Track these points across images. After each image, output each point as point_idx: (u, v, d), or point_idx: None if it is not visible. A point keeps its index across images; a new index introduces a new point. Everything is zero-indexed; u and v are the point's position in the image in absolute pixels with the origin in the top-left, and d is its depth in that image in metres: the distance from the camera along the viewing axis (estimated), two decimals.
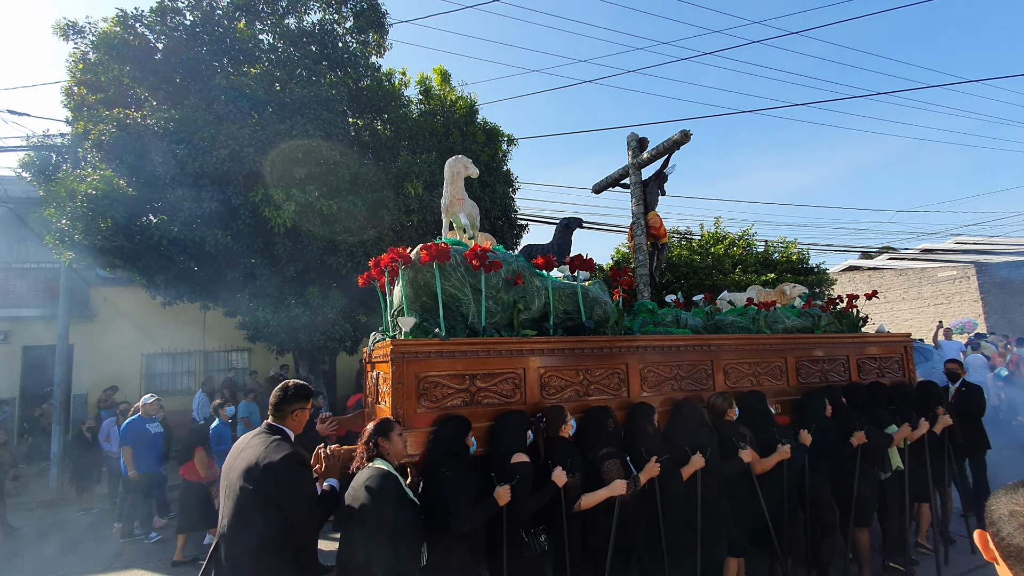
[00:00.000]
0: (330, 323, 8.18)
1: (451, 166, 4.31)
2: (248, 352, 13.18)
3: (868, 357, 5.19)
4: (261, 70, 8.44)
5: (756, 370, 4.49)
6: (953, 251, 22.29)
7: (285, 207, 7.48)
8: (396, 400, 3.12)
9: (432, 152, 9.12)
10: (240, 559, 2.36)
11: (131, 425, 6.45)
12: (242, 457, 2.49)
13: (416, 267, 3.50)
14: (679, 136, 5.67)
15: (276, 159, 7.74)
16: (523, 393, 3.48)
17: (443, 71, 10.28)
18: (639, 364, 3.91)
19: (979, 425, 5.54)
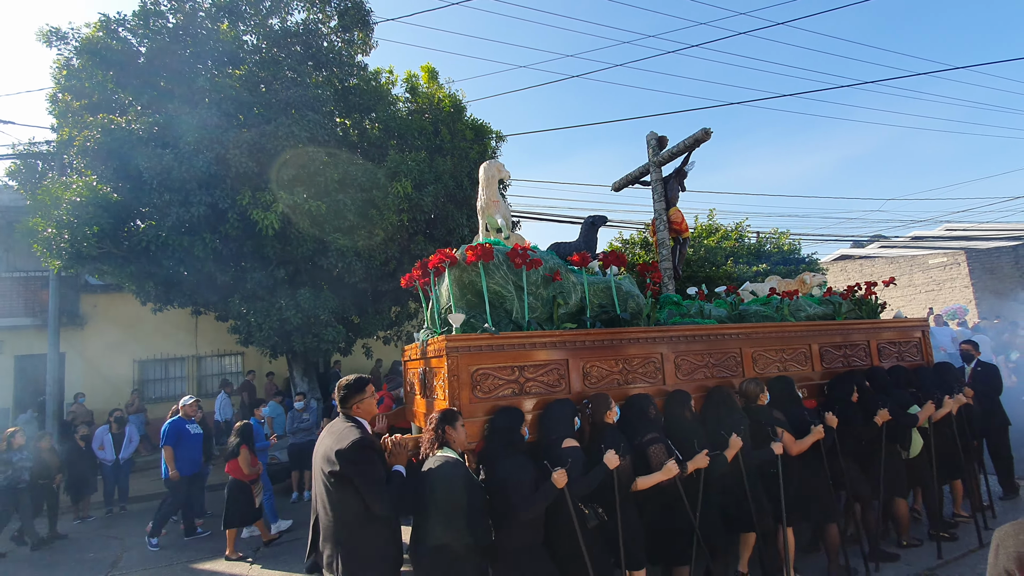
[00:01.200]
0: (322, 325, 8.16)
1: (486, 170, 4.49)
2: (241, 356, 13.14)
3: (887, 342, 5.38)
4: (245, 71, 8.39)
5: (782, 356, 4.68)
6: (943, 238, 22.44)
7: (273, 209, 7.45)
8: (452, 391, 3.31)
9: (421, 151, 9.09)
10: (332, 532, 2.69)
11: (172, 426, 6.46)
12: (323, 444, 2.84)
13: (462, 267, 3.71)
14: (700, 134, 5.77)
15: (263, 161, 7.70)
16: (567, 383, 3.67)
17: (431, 69, 10.24)
18: (672, 353, 4.10)
19: (997, 403, 5.70)
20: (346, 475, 2.65)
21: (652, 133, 6.39)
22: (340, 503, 2.70)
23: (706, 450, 3.44)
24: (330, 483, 2.72)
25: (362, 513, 2.68)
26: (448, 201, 9.19)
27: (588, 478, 3.06)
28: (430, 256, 3.84)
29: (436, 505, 2.70)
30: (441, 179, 8.83)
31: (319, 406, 9.77)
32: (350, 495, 2.68)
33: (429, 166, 8.85)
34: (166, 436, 6.41)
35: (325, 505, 2.75)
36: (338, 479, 2.68)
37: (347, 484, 2.67)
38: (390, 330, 10.94)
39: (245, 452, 5.83)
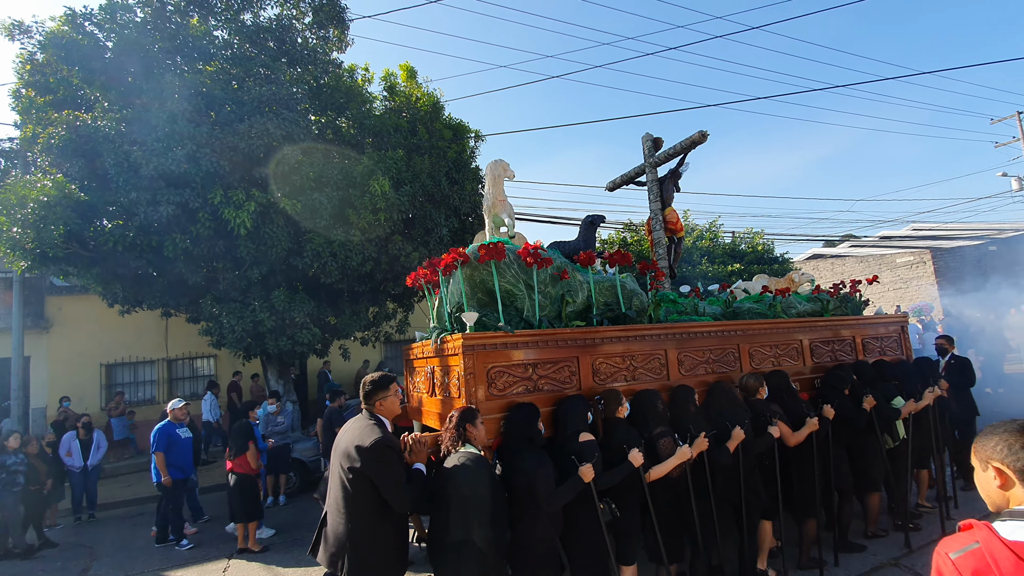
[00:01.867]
0: (298, 327, 8.03)
1: (492, 169, 4.55)
2: (214, 358, 12.87)
3: (871, 337, 5.64)
4: (217, 68, 8.22)
5: (776, 352, 4.88)
6: (910, 237, 23.11)
7: (246, 208, 7.31)
8: (469, 389, 3.34)
9: (398, 149, 9.02)
10: (343, 532, 2.72)
11: (162, 431, 6.35)
12: (343, 440, 2.87)
13: (473, 265, 3.76)
14: (697, 136, 5.88)
15: (235, 159, 7.56)
16: (578, 379, 3.74)
17: (409, 67, 10.18)
18: (676, 350, 4.22)
19: (969, 395, 6.04)
20: (366, 473, 2.69)
21: (647, 135, 6.45)
22: (356, 499, 2.73)
23: (704, 432, 3.56)
24: (348, 479, 2.74)
25: (376, 511, 2.73)
26: (426, 200, 9.14)
27: (613, 473, 3.16)
28: (442, 255, 3.90)
29: (461, 501, 2.74)
30: (419, 178, 8.77)
31: (295, 409, 9.63)
32: (367, 492, 2.72)
33: (407, 165, 8.78)
34: (157, 441, 6.30)
35: (339, 501, 2.78)
36: (357, 476, 2.71)
37: (365, 481, 2.71)
38: (368, 331, 10.82)
39: (253, 447, 5.98)
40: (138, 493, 8.73)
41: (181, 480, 6.42)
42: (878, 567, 4.29)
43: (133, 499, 8.53)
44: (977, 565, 1.30)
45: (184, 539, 6.40)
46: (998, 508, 1.45)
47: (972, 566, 1.31)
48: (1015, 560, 1.25)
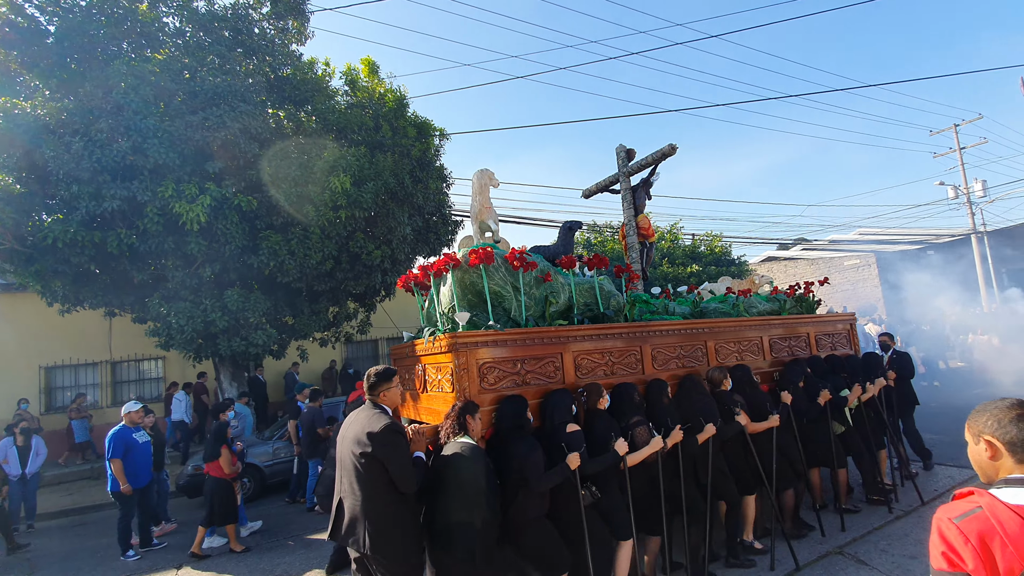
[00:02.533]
0: (252, 327, 7.76)
1: (479, 178, 4.81)
2: (162, 360, 12.30)
3: (823, 333, 6.16)
4: (167, 56, 7.86)
5: (739, 348, 5.29)
6: (857, 242, 24.21)
7: (199, 202, 7.01)
8: (461, 384, 3.58)
9: (361, 146, 8.83)
10: (360, 510, 2.91)
11: (118, 437, 5.95)
12: (351, 429, 3.06)
13: (464, 269, 4.01)
14: (667, 148, 6.23)
15: (187, 152, 7.24)
16: (562, 374, 4.03)
17: (371, 62, 9.97)
18: (650, 346, 4.56)
19: (909, 385, 6.63)
20: (377, 456, 2.88)
21: (621, 146, 6.84)
22: (369, 482, 2.91)
23: (679, 425, 3.91)
24: (360, 464, 2.93)
25: (388, 492, 2.92)
26: (389, 199, 8.97)
27: (598, 461, 3.44)
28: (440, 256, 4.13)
29: (460, 485, 2.97)
30: (381, 176, 8.60)
31: (250, 411, 9.31)
32: (378, 475, 2.90)
33: (369, 162, 8.60)
34: (113, 448, 5.92)
35: (353, 485, 2.96)
36: (369, 460, 2.89)
37: (377, 464, 2.89)
38: (327, 331, 10.56)
39: (226, 452, 5.80)
40: (79, 502, 8.27)
41: (138, 489, 6.09)
42: (824, 555, 4.47)
43: (74, 508, 8.07)
44: (982, 528, 1.38)
45: (131, 550, 6.10)
46: (989, 479, 1.56)
47: (977, 529, 1.39)
48: (1020, 521, 1.36)
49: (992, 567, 1.38)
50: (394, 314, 14.58)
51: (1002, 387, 10.85)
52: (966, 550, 1.41)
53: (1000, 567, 1.38)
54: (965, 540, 1.41)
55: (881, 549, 4.50)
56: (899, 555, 4.35)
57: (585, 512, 3.37)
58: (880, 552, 4.44)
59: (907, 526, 4.89)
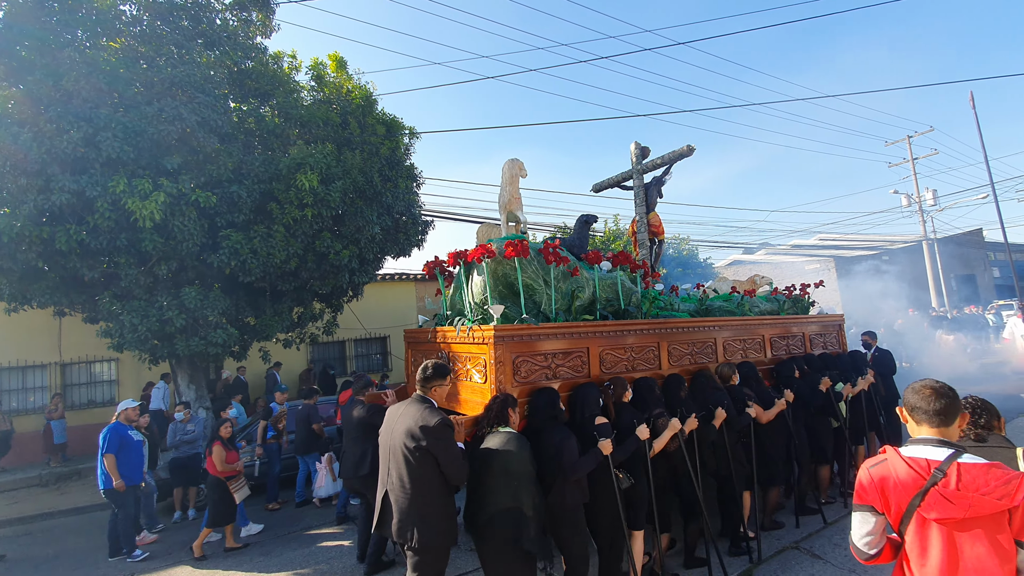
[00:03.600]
0: (211, 326, 7.47)
1: (509, 168, 4.90)
2: (115, 362, 11.76)
3: (817, 333, 6.55)
4: (122, 45, 7.52)
5: (744, 345, 5.56)
6: (817, 247, 24.99)
7: (153, 198, 6.71)
8: (497, 376, 3.69)
9: (328, 143, 8.61)
10: (407, 501, 3.02)
11: (113, 432, 5.87)
12: (400, 421, 3.15)
13: (498, 260, 4.10)
14: (685, 149, 6.33)
15: (142, 145, 6.92)
16: (588, 368, 4.16)
17: (338, 57, 9.76)
18: (667, 343, 4.77)
19: (892, 381, 6.95)
20: (430, 450, 3.00)
21: (636, 143, 6.88)
22: (419, 474, 3.02)
23: (694, 413, 4.12)
24: (413, 457, 3.02)
25: (437, 484, 3.05)
26: (357, 197, 8.78)
27: (623, 447, 3.63)
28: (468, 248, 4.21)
29: (508, 473, 3.11)
30: (350, 174, 8.41)
31: (208, 416, 8.98)
32: (430, 467, 3.03)
33: (337, 160, 8.40)
34: (107, 443, 5.81)
35: (403, 478, 3.05)
36: (422, 453, 3.01)
37: (429, 457, 3.02)
38: (291, 332, 10.28)
39: (218, 449, 5.78)
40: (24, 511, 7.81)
41: (132, 487, 5.95)
42: (781, 551, 4.62)
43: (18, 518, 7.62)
44: (883, 472, 1.96)
45: (136, 549, 5.93)
46: None
47: (880, 473, 1.96)
48: (907, 468, 1.90)
49: (886, 502, 1.93)
50: (362, 315, 14.32)
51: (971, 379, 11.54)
52: (871, 489, 1.97)
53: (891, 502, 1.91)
54: (871, 481, 1.97)
55: (835, 543, 4.68)
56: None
57: (621, 496, 3.58)
58: (833, 546, 4.63)
59: None
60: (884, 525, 1.98)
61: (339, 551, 5.58)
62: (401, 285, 16.43)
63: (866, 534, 1.97)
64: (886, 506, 1.93)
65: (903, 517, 1.88)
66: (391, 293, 16.08)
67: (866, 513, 1.97)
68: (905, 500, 1.87)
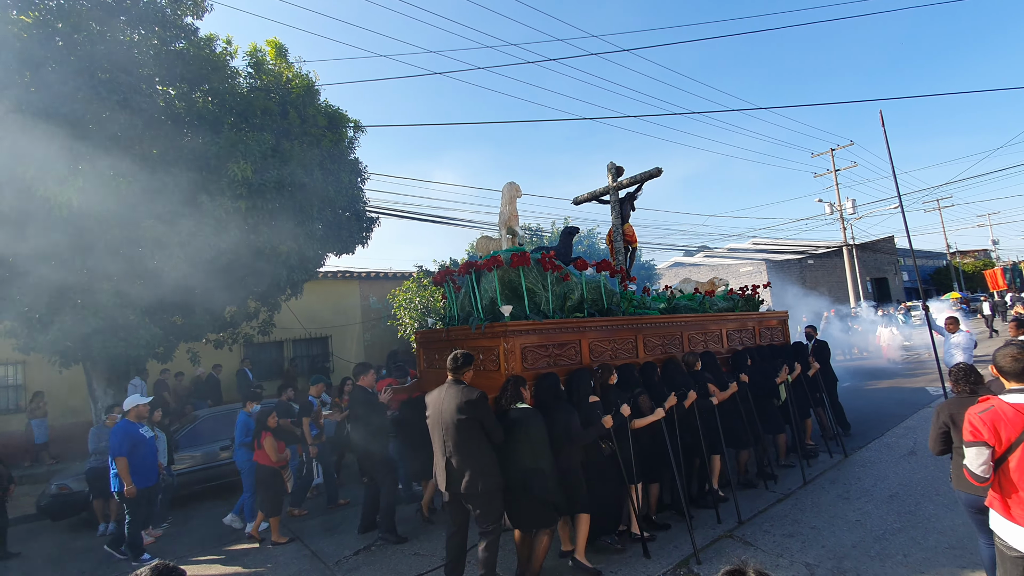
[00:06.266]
0: (133, 327, 6.94)
1: (508, 190, 5.71)
2: (22, 365, 10.72)
3: (765, 327, 7.64)
4: (36, 19, 6.86)
5: (705, 338, 6.54)
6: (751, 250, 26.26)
7: (70, 184, 6.16)
8: (509, 364, 4.48)
9: (265, 132, 8.19)
10: (468, 462, 3.82)
11: (123, 432, 5.43)
12: (447, 402, 3.93)
13: (505, 269, 4.93)
14: (654, 170, 7.33)
15: (56, 127, 6.34)
16: (581, 356, 5.01)
17: (278, 44, 9.31)
18: (643, 335, 5.66)
19: (830, 366, 8.11)
20: (476, 418, 3.81)
21: (611, 163, 7.79)
22: (471, 439, 3.83)
23: (673, 393, 4.97)
24: (464, 426, 3.81)
25: (485, 445, 3.85)
26: (297, 190, 8.39)
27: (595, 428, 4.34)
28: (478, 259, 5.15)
29: (529, 440, 3.87)
30: (288, 165, 8.03)
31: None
32: (477, 432, 3.83)
33: (274, 149, 8.00)
34: (118, 445, 5.39)
35: (459, 447, 3.83)
36: (470, 422, 3.81)
37: (474, 426, 3.81)
38: (223, 332, 9.72)
39: (269, 439, 5.82)
40: None
41: (145, 489, 5.56)
42: (716, 539, 4.80)
43: None
44: (993, 416, 2.55)
45: (144, 553, 5.55)
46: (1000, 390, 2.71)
47: (991, 416, 2.55)
48: (1013, 410, 2.53)
49: (997, 437, 2.51)
50: (302, 314, 13.76)
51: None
52: (984, 428, 2.54)
53: (1002, 436, 2.50)
54: (983, 422, 2.55)
55: (764, 530, 4.94)
56: (779, 534, 4.84)
57: (608, 460, 4.45)
58: (763, 533, 4.89)
59: (787, 508, 5.45)
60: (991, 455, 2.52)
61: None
62: (344, 284, 15.93)
63: (982, 463, 2.52)
64: (997, 440, 2.50)
65: (1010, 447, 2.48)
66: (334, 291, 15.56)
67: (981, 447, 2.53)
68: (1014, 434, 2.48)
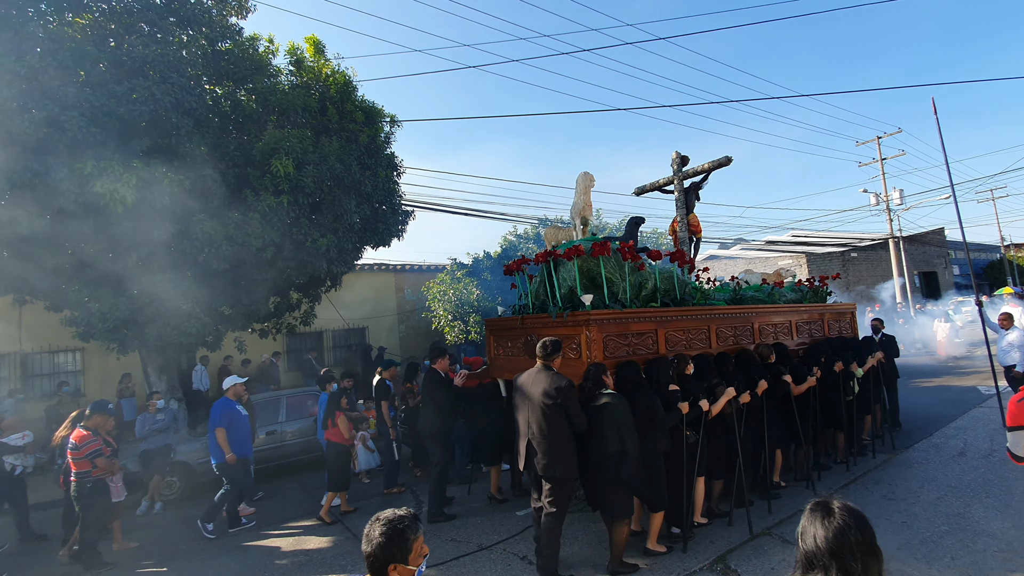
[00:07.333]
0: (184, 316, 7.25)
1: (583, 180, 5.71)
2: (80, 352, 11.37)
3: (833, 319, 7.43)
4: (90, 21, 7.19)
5: (776, 329, 6.47)
6: (790, 243, 25.50)
7: (125, 181, 6.45)
8: (593, 352, 4.53)
9: (305, 128, 8.40)
10: (548, 445, 4.02)
11: (223, 407, 6.15)
12: (535, 386, 4.12)
13: (585, 258, 4.96)
14: (723, 159, 7.19)
15: (110, 126, 6.65)
16: (657, 346, 5.05)
17: (316, 41, 9.50)
18: (715, 326, 5.63)
19: (893, 363, 7.94)
20: (562, 404, 3.97)
21: (676, 152, 7.73)
22: (555, 424, 4.00)
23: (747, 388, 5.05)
24: (550, 411, 3.99)
25: (567, 431, 4.03)
26: (335, 185, 8.59)
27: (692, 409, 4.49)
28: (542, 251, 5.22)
29: (616, 425, 4.01)
30: (327, 160, 8.22)
31: (180, 407, 8.74)
32: (561, 418, 4.00)
33: (314, 145, 8.19)
34: (218, 417, 6.07)
35: (542, 427, 4.03)
36: (556, 407, 3.98)
37: (560, 411, 3.99)
38: (268, 322, 10.06)
39: (343, 418, 6.28)
40: None
41: (242, 459, 6.15)
42: (755, 536, 4.73)
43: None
44: None
45: (242, 518, 6.26)
46: None
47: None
48: None
49: None
50: (341, 305, 14.10)
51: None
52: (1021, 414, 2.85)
53: None
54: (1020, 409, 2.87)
55: None
56: None
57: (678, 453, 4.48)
58: None
59: None
60: None
61: None
62: (380, 276, 16.23)
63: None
64: None
65: None
66: (370, 283, 15.88)
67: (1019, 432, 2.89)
68: None
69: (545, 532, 4.12)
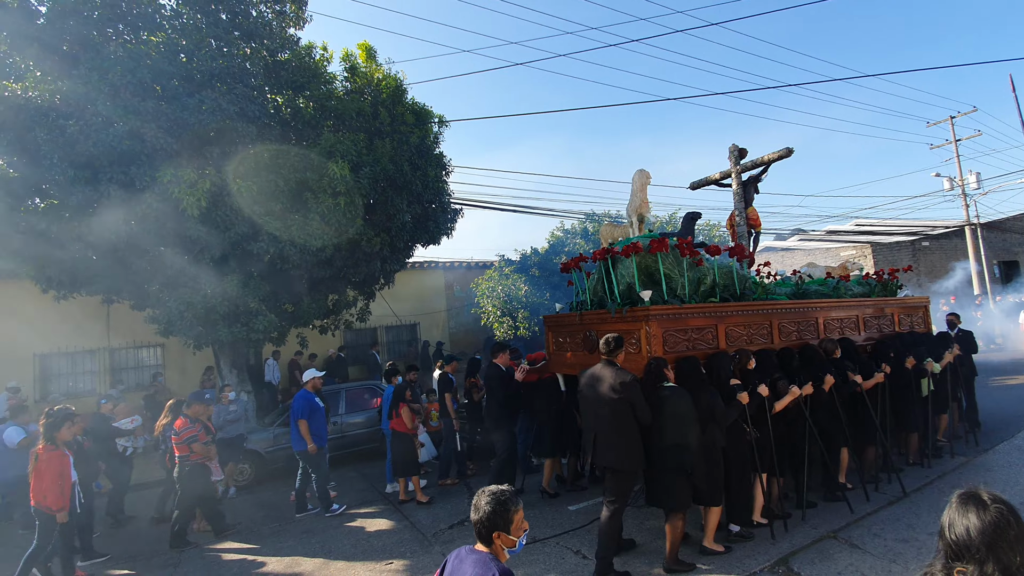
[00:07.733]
0: (253, 313, 7.71)
1: (639, 177, 5.72)
2: (161, 348, 12.25)
3: (904, 314, 7.12)
4: (163, 39, 7.72)
5: (841, 324, 6.20)
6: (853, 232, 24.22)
7: (199, 187, 6.92)
8: (653, 347, 4.56)
9: (359, 132, 8.72)
10: (612, 439, 4.12)
11: (304, 399, 6.52)
12: (602, 380, 4.19)
13: (642, 255, 4.96)
14: (784, 151, 7.03)
15: (184, 136, 7.14)
16: (717, 341, 5.00)
17: (368, 47, 9.83)
18: (777, 320, 5.50)
19: (971, 359, 7.54)
20: (626, 399, 4.03)
21: (734, 145, 7.54)
22: (617, 419, 4.08)
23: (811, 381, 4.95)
24: (616, 405, 4.06)
25: (632, 425, 4.07)
26: (388, 186, 8.89)
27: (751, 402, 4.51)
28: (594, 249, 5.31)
29: (677, 417, 4.06)
30: (380, 162, 8.51)
31: (250, 398, 9.28)
32: (627, 413, 4.07)
33: (367, 148, 8.50)
34: (300, 410, 6.44)
35: (610, 423, 4.11)
36: (622, 402, 4.05)
37: (626, 405, 4.05)
38: (327, 319, 10.51)
39: (406, 409, 6.56)
40: None
41: (322, 448, 6.57)
42: (818, 539, 4.57)
43: None
44: None
45: (333, 504, 6.59)
46: None
47: None
48: None
49: None
50: (393, 302, 14.54)
51: None
52: None
53: None
54: None
55: (874, 533, 4.61)
56: (891, 539, 4.47)
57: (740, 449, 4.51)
58: (873, 536, 4.56)
59: (900, 511, 5.06)
60: None
61: None
62: (430, 273, 16.60)
63: None
64: None
65: None
66: (421, 281, 16.28)
67: None
68: None
69: (604, 523, 4.17)
